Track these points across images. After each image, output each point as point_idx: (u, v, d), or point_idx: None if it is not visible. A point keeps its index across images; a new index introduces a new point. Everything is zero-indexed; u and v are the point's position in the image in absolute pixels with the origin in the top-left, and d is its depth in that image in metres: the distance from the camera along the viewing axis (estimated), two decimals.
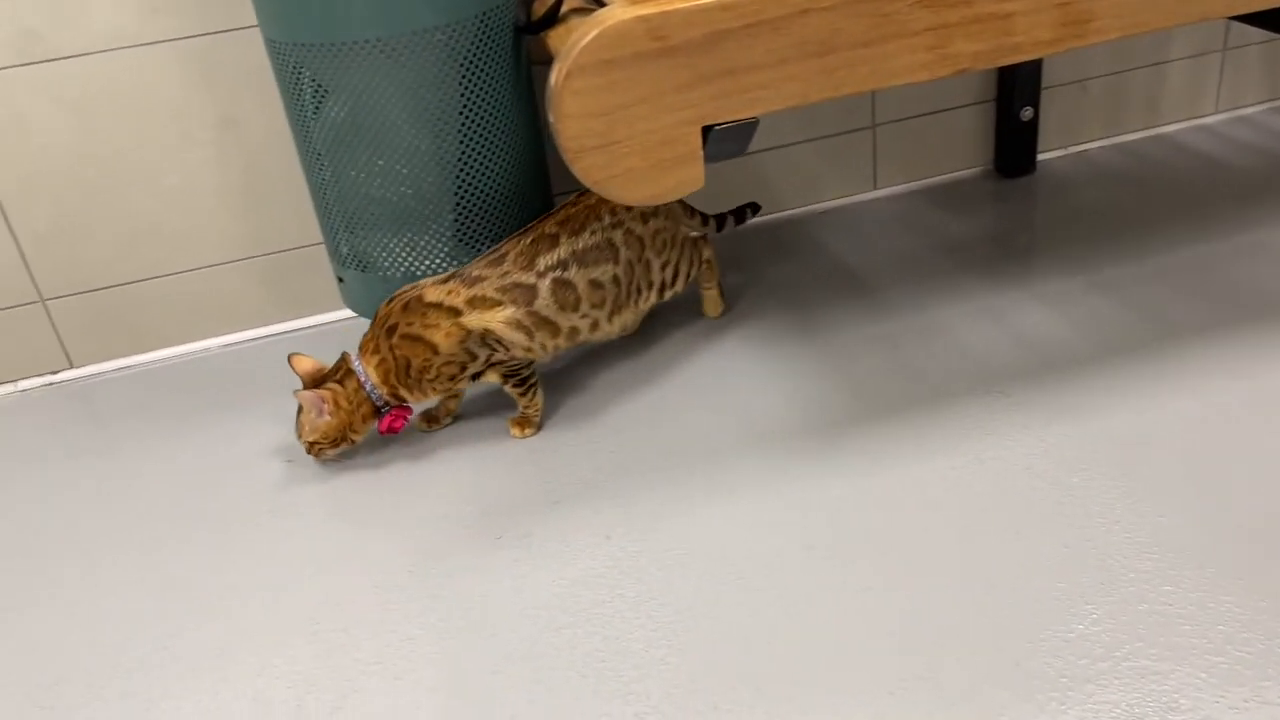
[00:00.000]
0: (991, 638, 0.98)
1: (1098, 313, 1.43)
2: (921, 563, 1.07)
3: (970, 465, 1.19)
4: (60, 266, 1.53)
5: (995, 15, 1.03)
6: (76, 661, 1.08)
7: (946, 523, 1.11)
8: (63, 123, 1.45)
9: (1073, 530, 1.08)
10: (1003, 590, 1.02)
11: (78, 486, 1.35)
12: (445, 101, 1.28)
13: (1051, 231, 1.66)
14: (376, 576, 1.14)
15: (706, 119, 1.02)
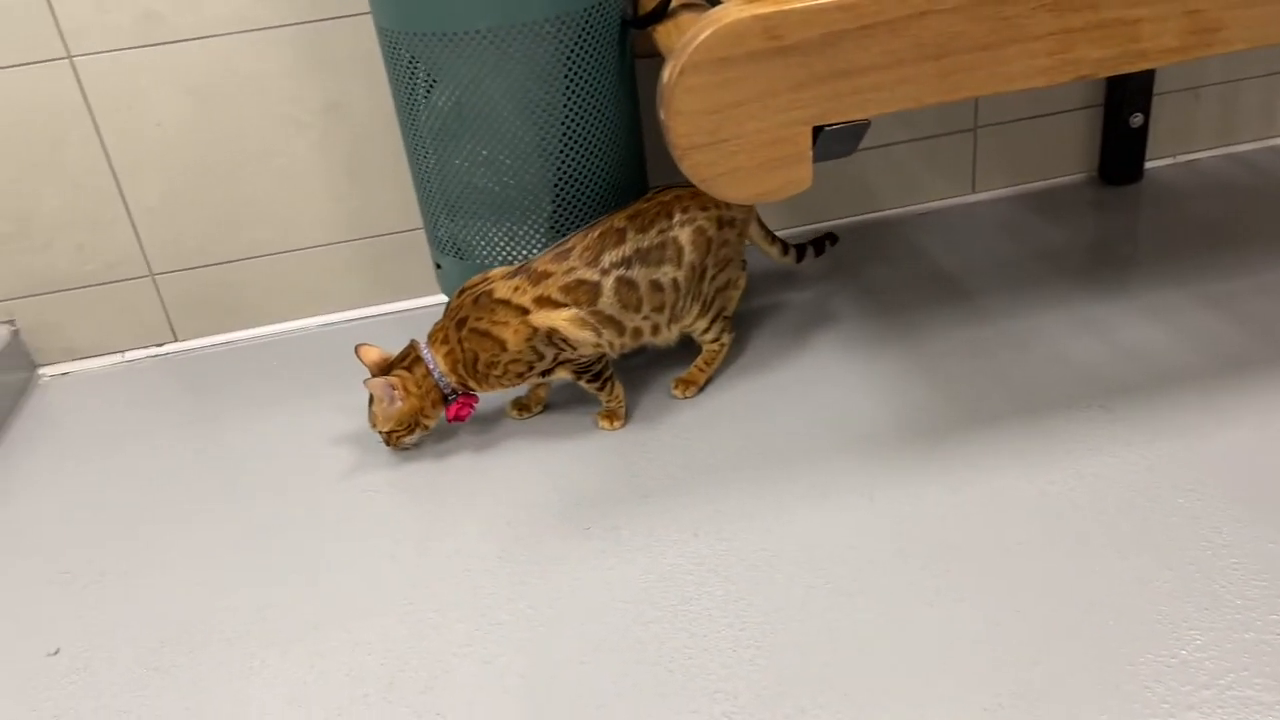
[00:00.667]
0: (1090, 658, 0.96)
1: (1206, 327, 1.39)
2: (1018, 577, 1.05)
3: (1070, 481, 1.16)
4: (169, 242, 1.58)
5: (1121, 21, 1.00)
6: (180, 625, 1.12)
7: (1045, 538, 1.09)
8: (179, 103, 1.49)
9: (1178, 552, 1.05)
10: (1104, 610, 1.00)
11: (178, 456, 1.40)
12: (550, 93, 1.29)
13: (1157, 242, 1.62)
14: (468, 560, 1.16)
15: (818, 119, 1.01)
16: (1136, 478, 1.15)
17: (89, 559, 1.23)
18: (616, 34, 1.33)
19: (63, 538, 1.27)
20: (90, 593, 1.18)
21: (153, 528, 1.27)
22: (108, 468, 1.39)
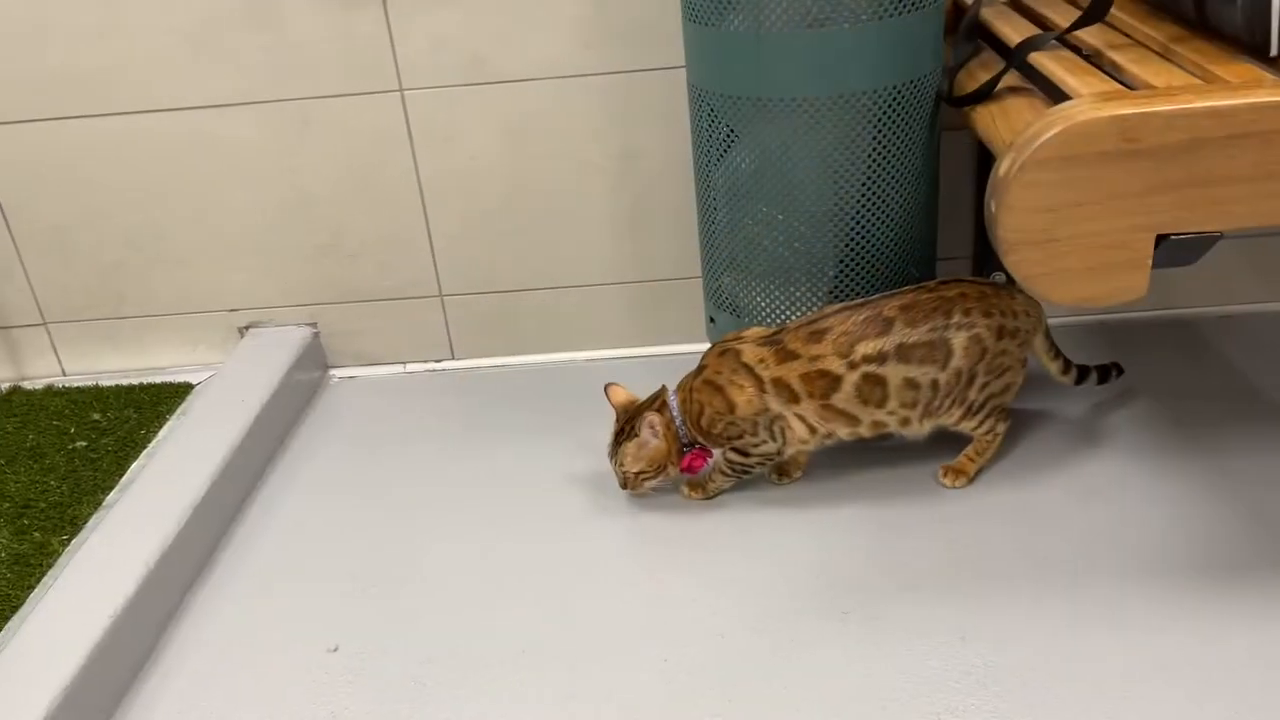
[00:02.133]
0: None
1: None
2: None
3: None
4: (461, 267, 1.67)
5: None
6: (446, 643, 1.17)
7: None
8: (491, 139, 1.58)
9: None
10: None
11: (447, 470, 1.47)
12: (853, 163, 1.28)
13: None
14: (722, 626, 1.15)
15: (1163, 227, 0.94)
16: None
17: (367, 562, 1.31)
18: (929, 109, 1.30)
19: (345, 538, 1.36)
20: (369, 596, 1.25)
21: (423, 539, 1.34)
22: (384, 473, 1.48)
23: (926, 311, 1.21)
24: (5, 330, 1.73)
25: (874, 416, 1.24)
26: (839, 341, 1.21)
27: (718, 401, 1.25)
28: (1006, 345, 1.24)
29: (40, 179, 1.62)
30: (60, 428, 1.57)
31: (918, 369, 1.21)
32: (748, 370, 1.25)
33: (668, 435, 1.29)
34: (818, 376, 1.22)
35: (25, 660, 1.10)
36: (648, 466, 1.30)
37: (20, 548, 1.31)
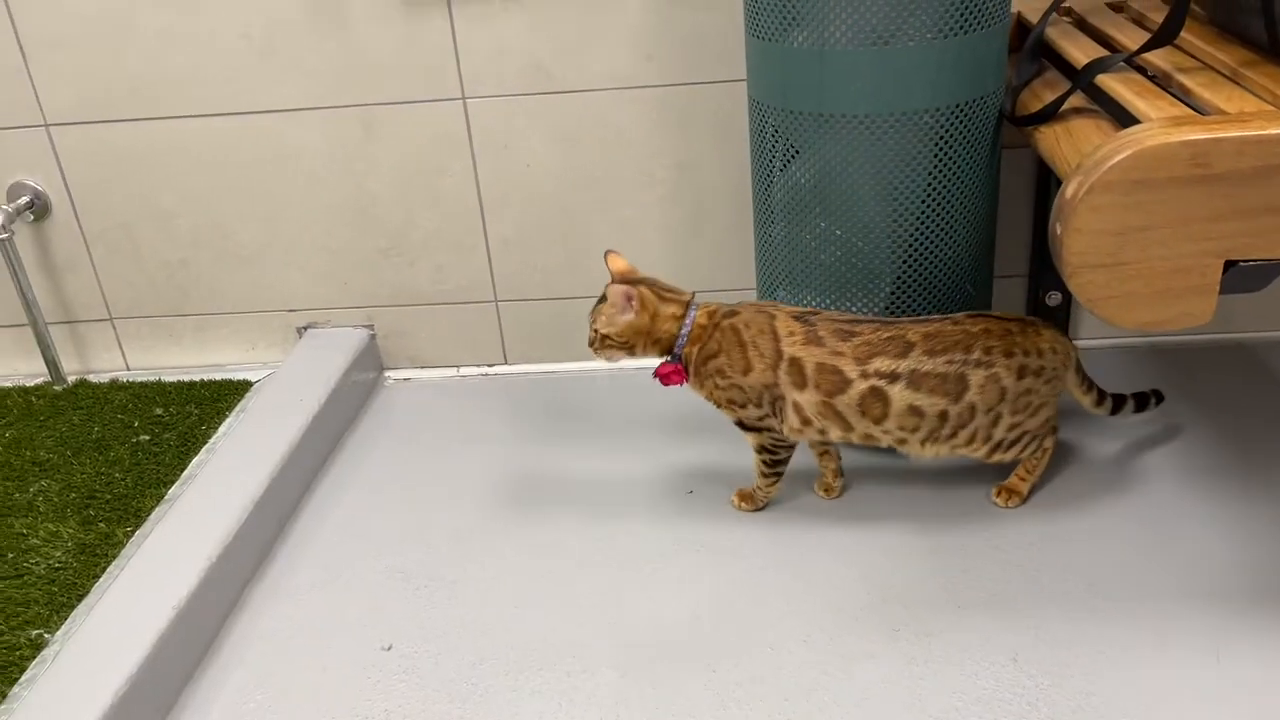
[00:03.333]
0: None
1: None
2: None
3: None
4: (516, 273, 1.69)
5: None
6: (498, 645, 1.19)
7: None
8: (549, 148, 1.60)
9: None
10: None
11: (497, 472, 1.49)
12: (912, 179, 1.28)
13: None
14: (772, 637, 1.16)
15: (1232, 253, 0.94)
16: None
17: (421, 562, 1.33)
18: (991, 128, 1.30)
19: (398, 537, 1.38)
20: (422, 595, 1.27)
21: (475, 540, 1.36)
22: (437, 474, 1.50)
23: (948, 344, 1.21)
24: (72, 325, 1.78)
25: (868, 430, 1.25)
26: (859, 348, 1.22)
27: (737, 356, 1.25)
28: (1031, 384, 1.23)
29: (111, 178, 1.66)
30: (124, 421, 1.61)
31: (926, 398, 1.21)
32: (774, 337, 1.25)
33: (650, 321, 1.27)
34: (831, 372, 1.22)
35: (93, 649, 1.13)
36: (616, 336, 1.27)
37: (87, 537, 1.35)
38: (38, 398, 1.70)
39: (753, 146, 1.39)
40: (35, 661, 1.16)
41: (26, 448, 1.55)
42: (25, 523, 1.38)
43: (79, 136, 1.63)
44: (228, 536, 1.28)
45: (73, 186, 1.67)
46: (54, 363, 1.73)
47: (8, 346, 1.79)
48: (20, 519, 1.39)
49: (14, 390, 1.72)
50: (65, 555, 1.31)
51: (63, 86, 1.60)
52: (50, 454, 1.53)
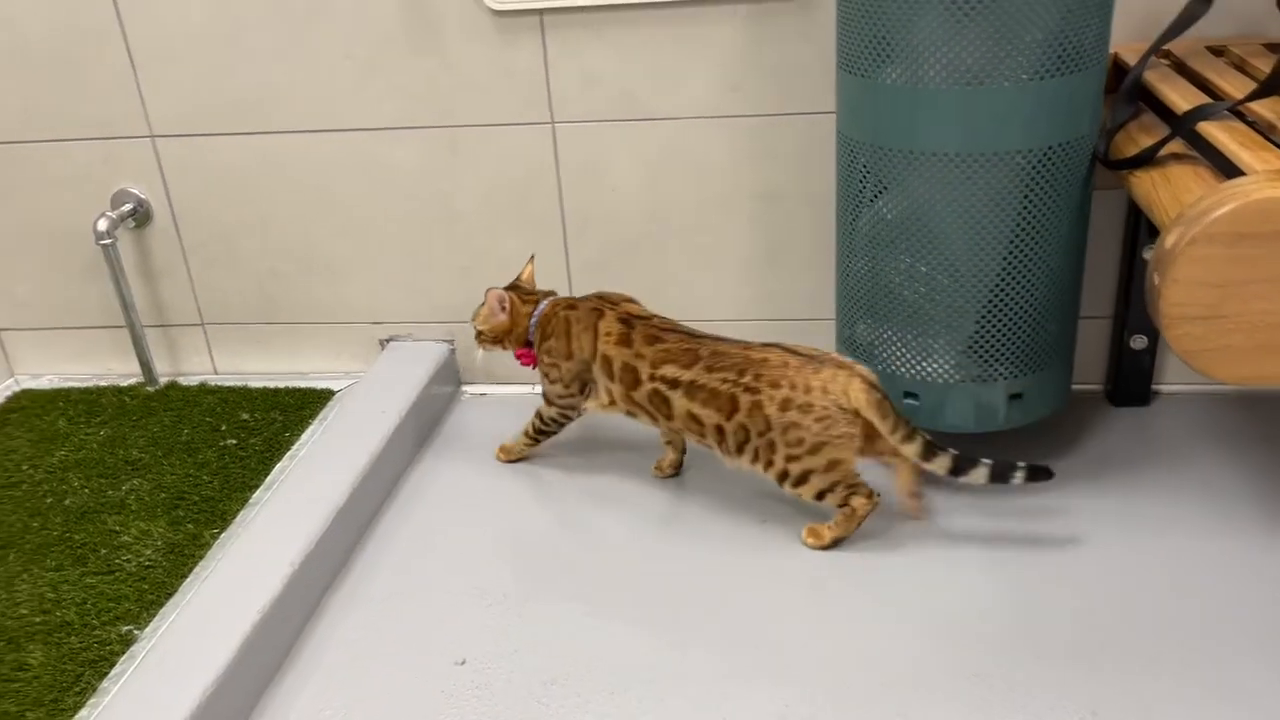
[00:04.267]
0: None
1: None
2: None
3: None
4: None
5: None
6: (570, 665, 1.20)
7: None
8: (633, 173, 1.62)
9: None
10: None
11: (563, 491, 1.50)
12: (1001, 219, 1.27)
13: None
14: (847, 675, 1.16)
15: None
16: None
17: (494, 576, 1.35)
18: (1084, 170, 1.29)
19: (473, 551, 1.40)
20: (494, 611, 1.29)
21: (549, 557, 1.37)
22: (511, 489, 1.53)
23: (726, 365, 1.33)
24: (165, 328, 1.84)
25: (667, 425, 1.41)
26: (657, 354, 1.38)
27: (562, 343, 1.45)
28: (796, 418, 1.28)
29: (211, 189, 1.72)
30: (212, 424, 1.66)
31: (701, 409, 1.35)
32: (594, 335, 1.43)
33: (515, 318, 1.49)
34: (630, 371, 1.39)
35: (180, 649, 1.16)
36: (488, 332, 1.51)
37: (175, 537, 1.39)
38: (131, 398, 1.76)
39: (839, 180, 1.40)
40: (124, 657, 1.20)
41: (120, 446, 1.61)
42: (118, 519, 1.43)
43: (182, 148, 1.70)
44: (310, 544, 1.31)
45: (174, 196, 1.73)
46: (147, 364, 1.80)
47: (105, 346, 1.86)
48: (113, 516, 1.44)
49: (109, 389, 1.79)
50: (155, 554, 1.36)
51: (169, 99, 1.66)
52: (142, 454, 1.59)
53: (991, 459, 1.27)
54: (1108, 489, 1.42)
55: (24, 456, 1.60)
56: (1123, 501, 1.39)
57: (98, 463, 1.57)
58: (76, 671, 1.17)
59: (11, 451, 1.62)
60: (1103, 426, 1.57)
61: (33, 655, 1.20)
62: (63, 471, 1.55)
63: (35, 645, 1.21)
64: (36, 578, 1.33)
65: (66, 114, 1.69)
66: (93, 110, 1.68)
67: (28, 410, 1.74)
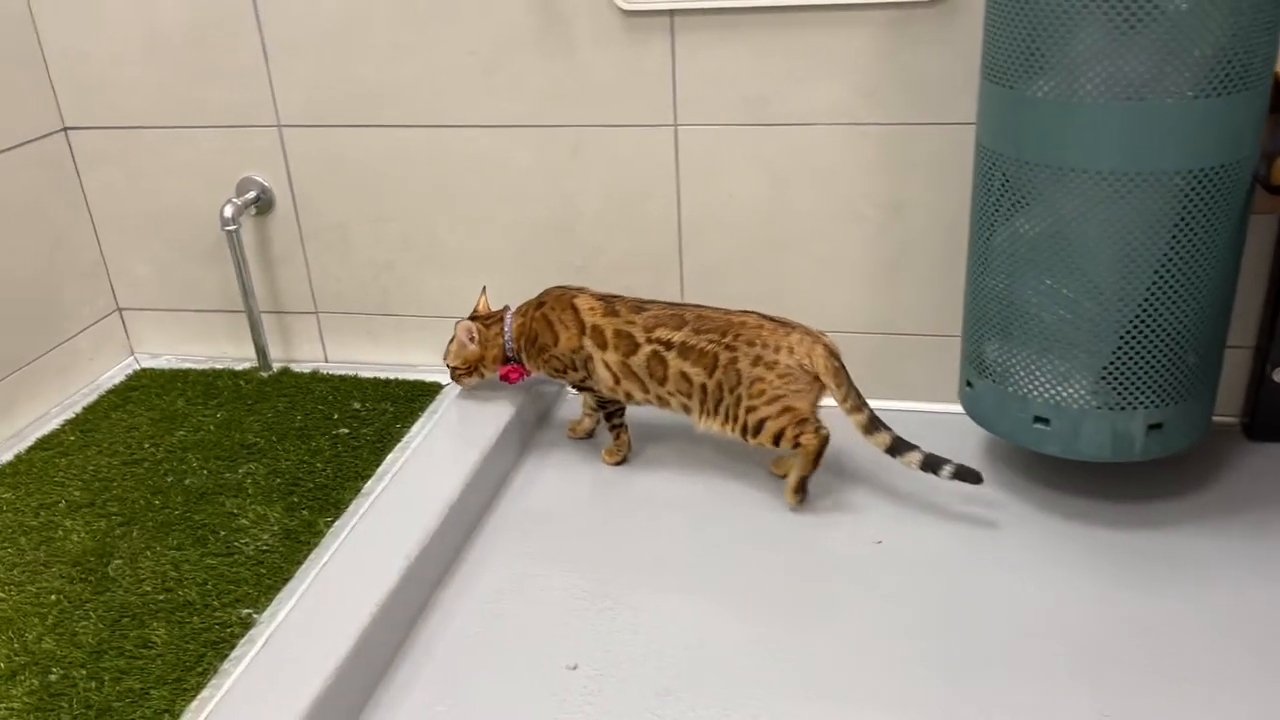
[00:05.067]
0: None
1: None
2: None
3: None
4: (709, 300, 1.68)
5: None
6: (682, 672, 1.18)
7: None
8: (754, 179, 1.59)
9: None
10: None
11: (682, 490, 1.49)
12: (1151, 242, 1.22)
13: None
14: (968, 693, 1.12)
15: None
16: None
17: (603, 580, 1.33)
18: (1242, 193, 1.23)
19: (580, 553, 1.39)
20: (605, 618, 1.28)
21: (661, 567, 1.36)
22: (620, 492, 1.51)
23: (711, 326, 1.46)
24: (280, 315, 1.87)
25: (658, 391, 1.49)
26: (648, 320, 1.49)
27: (548, 334, 1.54)
28: (763, 374, 1.41)
29: (332, 179, 1.74)
30: (324, 412, 1.68)
31: (692, 368, 1.45)
32: (575, 313, 1.52)
33: (484, 344, 1.58)
34: (625, 337, 1.48)
35: (299, 638, 1.18)
36: (462, 365, 1.60)
37: (291, 523, 1.41)
38: (245, 382, 1.79)
39: (975, 193, 1.36)
40: (244, 640, 1.21)
41: (236, 429, 1.64)
42: (235, 502, 1.45)
43: (307, 138, 1.72)
44: (425, 538, 1.32)
45: (296, 185, 1.76)
46: (263, 350, 1.82)
47: (221, 330, 1.90)
48: (231, 498, 1.46)
49: (225, 373, 1.82)
50: (272, 539, 1.38)
51: (298, 90, 1.69)
52: (257, 438, 1.61)
53: (928, 451, 1.39)
54: (1238, 528, 1.36)
55: (145, 435, 1.63)
56: (1253, 543, 1.33)
57: (215, 445, 1.60)
58: (198, 651, 1.19)
59: (133, 429, 1.65)
60: (1237, 461, 1.50)
61: (156, 633, 1.22)
62: (182, 451, 1.58)
63: (158, 623, 1.24)
64: (159, 555, 1.35)
65: (198, 101, 1.72)
66: (223, 98, 1.71)
67: (148, 389, 1.78)
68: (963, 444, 1.57)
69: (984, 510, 1.43)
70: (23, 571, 1.33)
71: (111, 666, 1.17)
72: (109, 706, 1.12)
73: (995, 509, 1.43)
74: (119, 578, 1.31)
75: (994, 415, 1.40)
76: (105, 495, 1.48)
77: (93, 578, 1.32)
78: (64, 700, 1.13)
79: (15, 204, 1.69)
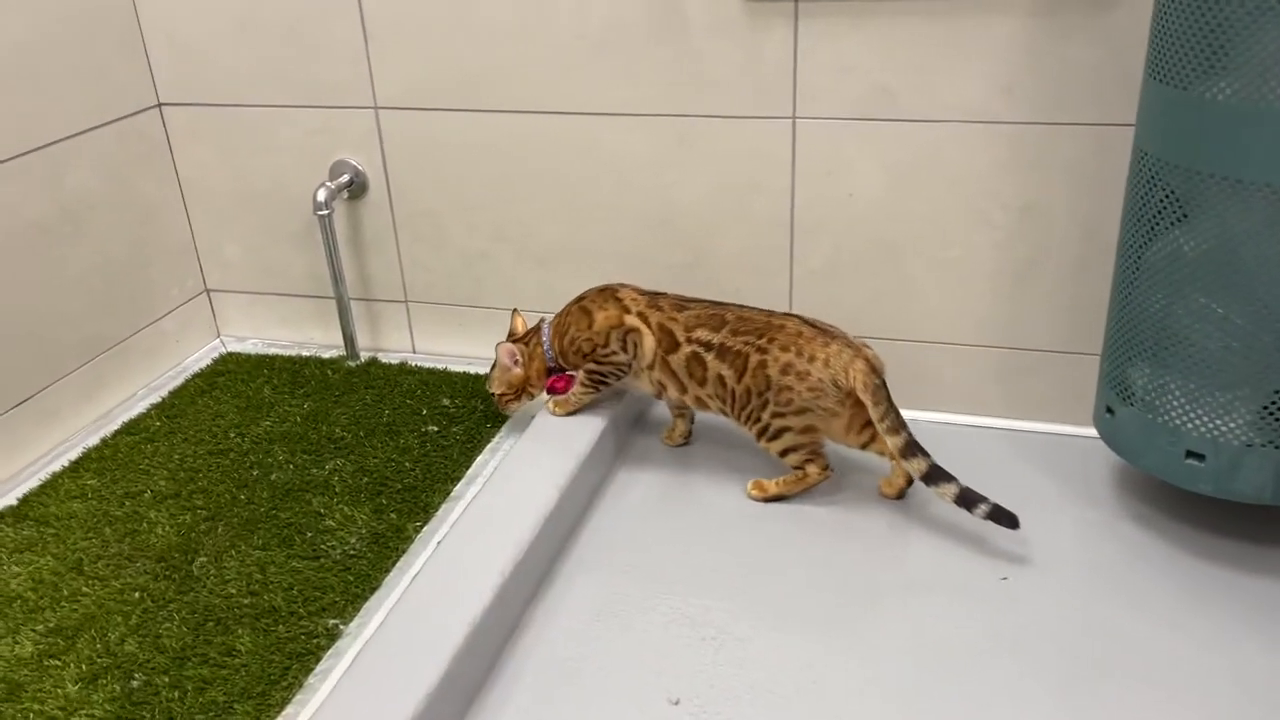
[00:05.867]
0: None
1: None
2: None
3: None
4: (817, 304, 1.59)
5: None
6: (798, 717, 1.10)
7: None
8: (875, 177, 1.49)
9: None
10: None
11: (794, 514, 1.40)
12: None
13: None
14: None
15: None
16: None
17: (709, 608, 1.25)
18: None
19: (682, 573, 1.31)
20: (709, 648, 1.19)
21: (771, 594, 1.27)
22: (727, 504, 1.43)
23: (750, 328, 1.38)
24: (369, 302, 1.81)
25: (696, 393, 1.42)
26: (689, 319, 1.41)
27: (583, 322, 1.45)
28: (792, 383, 1.33)
29: (427, 165, 1.67)
30: (412, 407, 1.62)
31: (728, 369, 1.38)
32: (618, 302, 1.45)
33: (527, 363, 1.50)
34: (667, 334, 1.41)
35: (389, 655, 1.10)
36: (508, 389, 1.51)
37: (379, 526, 1.35)
38: (333, 371, 1.74)
39: (1129, 202, 1.24)
40: (330, 652, 1.16)
41: (323, 422, 1.59)
42: (322, 501, 1.40)
43: (403, 122, 1.65)
44: (520, 552, 1.24)
45: (391, 170, 1.69)
46: (351, 338, 1.77)
47: (309, 315, 1.85)
48: (317, 496, 1.41)
49: (312, 360, 1.77)
50: (359, 543, 1.32)
51: (396, 72, 1.62)
52: (344, 432, 1.56)
53: (966, 484, 1.29)
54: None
55: (231, 424, 1.59)
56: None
57: (301, 437, 1.55)
58: (283, 664, 1.14)
59: (219, 417, 1.61)
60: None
61: (240, 639, 1.17)
62: (268, 443, 1.54)
63: (243, 629, 1.19)
64: (244, 555, 1.30)
65: (294, 80, 1.67)
66: (321, 78, 1.65)
67: (234, 374, 1.74)
68: (1091, 471, 1.45)
69: (1115, 546, 1.31)
70: (107, 565, 1.30)
71: (195, 675, 1.12)
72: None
73: (1128, 546, 1.31)
74: (203, 577, 1.27)
75: (1138, 446, 1.28)
76: (191, 486, 1.44)
77: (177, 575, 1.27)
78: (145, 710, 1.09)
79: (108, 180, 1.65)
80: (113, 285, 1.68)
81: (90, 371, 1.65)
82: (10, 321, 1.50)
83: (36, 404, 1.55)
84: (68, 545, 1.33)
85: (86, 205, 1.62)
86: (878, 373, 1.33)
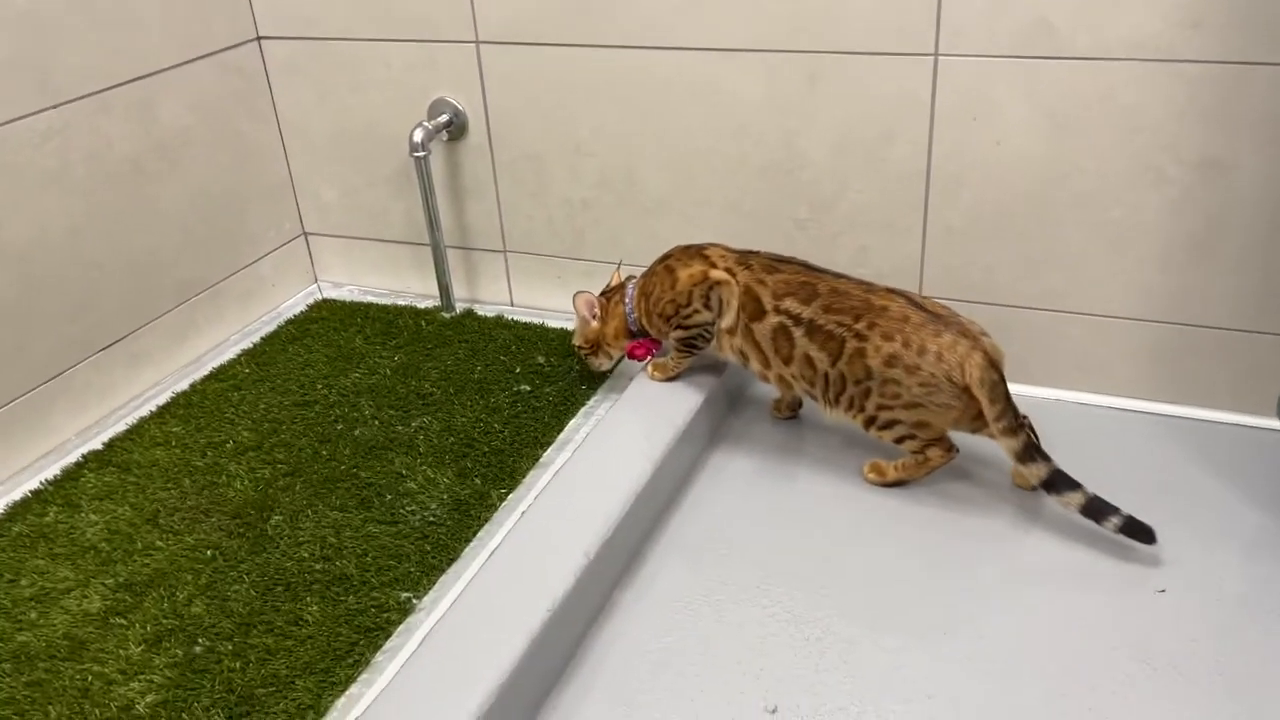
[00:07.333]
0: None
1: None
2: None
3: None
4: (951, 267, 1.42)
5: None
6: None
7: None
8: (1030, 124, 1.30)
9: None
10: None
11: (919, 513, 1.25)
12: None
13: None
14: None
15: None
16: None
17: (814, 604, 1.12)
18: None
19: (785, 563, 1.18)
20: (813, 649, 1.07)
21: (875, 589, 1.14)
22: (826, 489, 1.29)
23: (844, 307, 1.22)
24: (466, 251, 1.72)
25: (780, 371, 1.28)
26: (778, 285, 1.26)
27: (667, 280, 1.32)
28: (899, 375, 1.19)
29: (530, 105, 1.56)
30: (506, 364, 1.52)
31: (818, 351, 1.23)
32: (704, 259, 1.31)
33: (605, 319, 1.39)
34: (754, 299, 1.27)
35: (464, 638, 1.02)
36: (584, 343, 1.42)
37: (462, 492, 1.26)
38: (427, 323, 1.66)
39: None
40: (401, 628, 1.08)
41: (412, 376, 1.51)
42: (405, 461, 1.32)
43: (506, 57, 1.54)
44: (607, 532, 1.14)
45: (491, 110, 1.59)
46: (446, 288, 1.69)
47: (405, 263, 1.77)
48: (400, 455, 1.33)
49: (407, 310, 1.70)
50: (440, 509, 1.24)
51: (500, 2, 1.50)
52: (434, 388, 1.47)
53: (1093, 492, 1.13)
54: None
55: (319, 374, 1.53)
56: None
57: (389, 391, 1.47)
58: (351, 638, 1.06)
59: (309, 366, 1.55)
60: None
61: (309, 608, 1.10)
62: (355, 396, 1.46)
63: (312, 597, 1.11)
64: (320, 516, 1.23)
65: (392, 12, 1.57)
66: (419, 9, 1.55)
67: (327, 322, 1.68)
68: (1272, 468, 1.26)
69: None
70: (183, 519, 1.24)
71: (259, 644, 1.06)
72: (251, 694, 1.00)
73: None
74: (277, 537, 1.21)
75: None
76: (273, 439, 1.38)
77: (251, 534, 1.21)
78: (205, 679, 1.02)
79: (205, 116, 1.59)
80: (209, 225, 1.63)
81: (183, 314, 1.60)
82: (102, 261, 1.46)
83: (127, 346, 1.52)
84: (146, 495, 1.29)
85: (182, 141, 1.56)
86: (996, 367, 1.16)
